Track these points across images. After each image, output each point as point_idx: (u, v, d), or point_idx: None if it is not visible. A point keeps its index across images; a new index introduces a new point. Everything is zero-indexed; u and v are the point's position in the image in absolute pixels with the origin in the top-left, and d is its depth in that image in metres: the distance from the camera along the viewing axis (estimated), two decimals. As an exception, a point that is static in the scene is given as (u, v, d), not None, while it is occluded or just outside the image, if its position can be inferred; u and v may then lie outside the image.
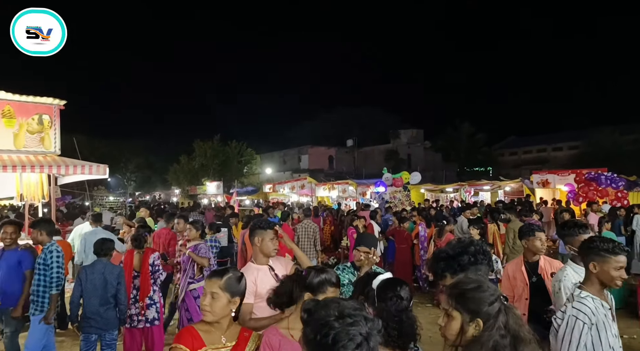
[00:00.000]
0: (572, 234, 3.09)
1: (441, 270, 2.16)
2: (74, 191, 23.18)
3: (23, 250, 4.59)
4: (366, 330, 1.20)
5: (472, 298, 1.58)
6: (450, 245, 2.27)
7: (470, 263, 2.09)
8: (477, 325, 1.54)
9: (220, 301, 2.02)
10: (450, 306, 1.60)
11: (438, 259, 2.21)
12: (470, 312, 1.56)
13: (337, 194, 20.69)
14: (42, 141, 7.54)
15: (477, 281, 1.65)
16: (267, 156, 45.00)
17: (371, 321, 1.24)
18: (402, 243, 8.59)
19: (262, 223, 3.06)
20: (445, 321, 1.62)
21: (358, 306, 1.29)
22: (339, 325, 1.21)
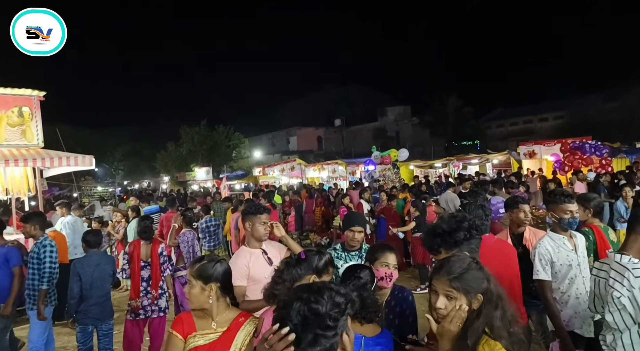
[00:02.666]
0: (556, 202, 3.16)
1: (437, 246, 2.20)
2: (60, 183, 22.87)
3: (10, 247, 4.53)
4: (326, 309, 1.25)
5: (472, 278, 1.66)
6: (445, 220, 2.30)
7: (465, 238, 2.14)
8: (478, 301, 1.64)
9: (194, 288, 2.06)
10: (454, 289, 1.64)
11: (434, 235, 2.25)
12: (474, 291, 1.64)
13: (327, 174, 20.74)
14: (24, 134, 7.42)
15: (465, 259, 1.73)
16: (256, 139, 44.70)
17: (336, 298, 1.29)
18: (392, 220, 8.69)
19: (252, 207, 3.09)
20: (445, 302, 1.65)
21: (333, 286, 1.35)
22: (300, 303, 1.26)
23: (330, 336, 1.24)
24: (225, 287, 2.13)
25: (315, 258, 2.28)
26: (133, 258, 4.62)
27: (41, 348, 4.35)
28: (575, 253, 3.09)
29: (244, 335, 2.06)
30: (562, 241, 3.12)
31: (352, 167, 19.81)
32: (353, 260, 3.29)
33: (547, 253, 3.08)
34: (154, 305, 4.60)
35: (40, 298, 4.30)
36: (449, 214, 2.40)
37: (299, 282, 2.19)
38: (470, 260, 1.73)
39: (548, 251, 3.08)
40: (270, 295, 2.24)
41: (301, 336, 1.22)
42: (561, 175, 13.84)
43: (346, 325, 1.30)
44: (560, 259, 3.06)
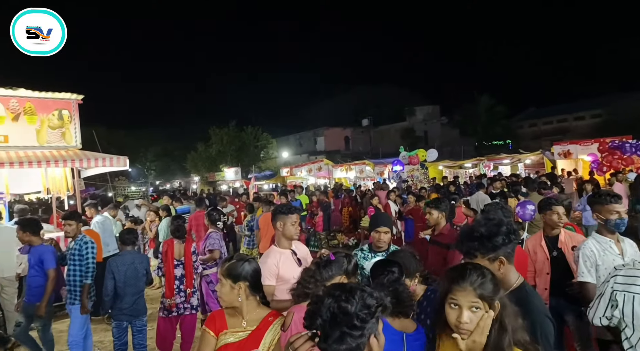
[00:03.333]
0: (602, 202, 3.01)
1: (474, 250, 2.13)
2: (96, 183, 23.69)
3: (47, 246, 4.70)
4: (355, 309, 1.26)
5: (491, 285, 1.62)
6: (482, 224, 2.23)
7: (504, 243, 2.08)
8: (495, 309, 1.61)
9: (224, 287, 2.11)
10: (477, 298, 1.59)
11: (472, 239, 2.17)
12: (492, 299, 1.60)
13: (355, 175, 20.67)
14: (64, 136, 7.73)
15: (477, 266, 1.69)
16: (283, 140, 45.02)
17: (367, 299, 1.30)
18: (419, 221, 8.58)
19: (284, 207, 3.13)
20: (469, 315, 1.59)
21: (366, 288, 1.36)
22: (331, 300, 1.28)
23: (357, 336, 1.25)
24: (255, 286, 2.17)
25: (345, 260, 2.31)
26: (167, 256, 4.72)
27: (80, 341, 4.51)
28: (622, 258, 2.92)
29: (272, 334, 2.09)
30: (609, 244, 2.96)
31: (379, 167, 19.67)
32: (380, 262, 3.28)
33: (592, 255, 2.94)
34: (186, 303, 4.70)
35: (84, 292, 4.45)
36: (485, 217, 2.34)
37: (329, 282, 2.22)
38: (484, 268, 1.68)
39: (593, 253, 2.94)
40: (301, 294, 2.27)
41: (329, 333, 1.25)
42: (599, 176, 13.30)
43: (376, 328, 1.30)
44: (605, 262, 2.90)
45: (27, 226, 4.70)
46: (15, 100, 7.21)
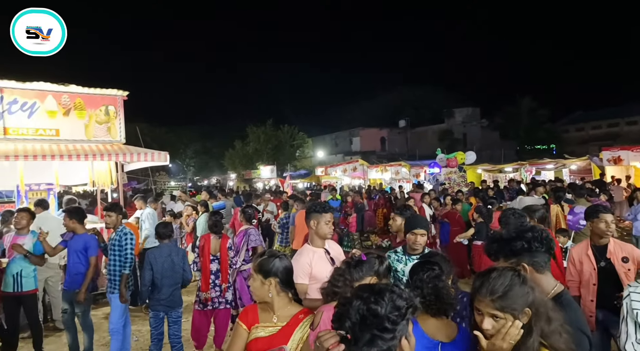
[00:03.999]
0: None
1: (494, 252, 2.12)
2: (138, 177, 24.60)
3: (90, 235, 4.88)
4: (385, 311, 1.25)
5: (517, 295, 1.55)
6: (508, 228, 2.21)
7: (524, 249, 2.03)
8: (527, 315, 1.55)
9: (255, 282, 2.15)
10: (496, 309, 1.54)
11: (492, 241, 2.18)
12: (520, 308, 1.54)
13: (390, 176, 20.46)
14: (109, 131, 8.05)
15: (507, 274, 1.61)
16: (319, 139, 45.16)
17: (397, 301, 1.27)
18: (455, 225, 8.39)
19: (318, 206, 3.12)
20: (492, 323, 1.55)
21: (395, 289, 1.34)
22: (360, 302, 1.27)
23: (388, 339, 1.23)
24: (285, 283, 2.18)
25: (376, 261, 2.27)
26: (204, 251, 4.82)
27: (120, 329, 4.68)
28: None
29: (301, 331, 2.10)
30: None
31: (415, 169, 19.37)
32: (415, 264, 3.22)
33: None
34: (221, 297, 4.78)
35: (123, 281, 4.59)
36: (518, 223, 2.28)
37: (358, 283, 2.19)
38: (512, 273, 1.61)
39: None
40: (330, 293, 2.26)
41: (358, 335, 1.23)
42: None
43: (406, 329, 1.28)
44: None
45: (74, 214, 4.91)
46: (66, 96, 7.58)
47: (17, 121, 7.19)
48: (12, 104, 7.13)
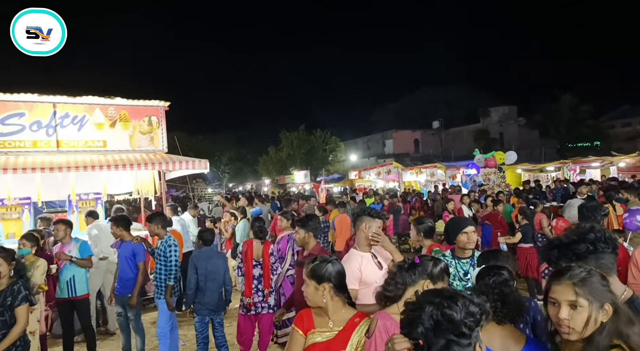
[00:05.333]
0: None
1: (555, 258, 2.03)
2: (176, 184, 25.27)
3: (137, 243, 5.07)
4: (460, 316, 1.23)
5: (598, 286, 1.50)
6: (567, 232, 2.13)
7: (589, 251, 1.93)
8: (606, 312, 1.48)
9: (309, 287, 2.14)
10: (577, 295, 1.49)
11: (551, 247, 2.09)
12: (601, 300, 1.48)
13: (425, 178, 20.14)
14: (152, 141, 8.34)
15: (586, 266, 1.58)
16: (351, 143, 45.08)
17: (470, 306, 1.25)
18: (498, 227, 8.16)
19: (370, 211, 3.12)
20: (569, 312, 1.50)
21: (465, 294, 1.32)
22: (432, 307, 1.25)
23: (465, 345, 1.21)
24: (339, 287, 2.18)
25: (430, 263, 2.23)
26: (247, 257, 4.89)
27: (167, 333, 4.82)
28: None
29: (359, 335, 2.09)
30: None
31: (451, 170, 18.99)
32: (465, 268, 3.15)
33: None
34: (264, 302, 4.84)
35: (167, 292, 4.74)
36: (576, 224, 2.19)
37: (412, 287, 2.17)
38: (592, 268, 1.57)
39: None
40: (382, 297, 2.24)
41: (432, 341, 1.22)
42: None
43: (479, 336, 1.25)
44: None
45: (120, 222, 5.13)
46: (112, 108, 7.91)
47: (68, 134, 7.56)
48: (64, 118, 7.51)
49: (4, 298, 3.37)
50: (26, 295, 3.44)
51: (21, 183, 7.39)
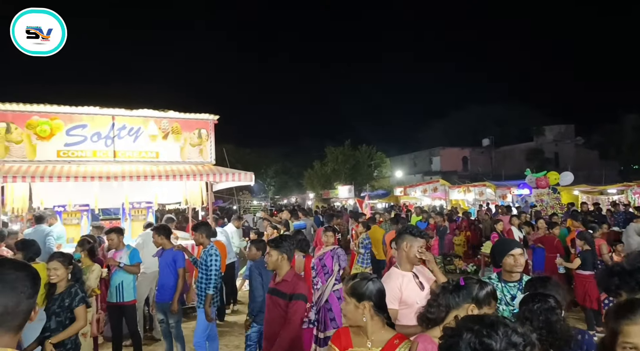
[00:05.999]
0: None
1: (615, 287, 1.88)
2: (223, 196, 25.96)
3: (177, 250, 5.25)
4: (500, 346, 1.15)
5: None
6: (629, 258, 1.97)
7: None
8: None
9: (349, 305, 2.11)
10: None
11: (611, 274, 1.93)
12: None
13: (474, 197, 19.49)
14: (201, 153, 8.63)
15: None
16: (397, 159, 44.61)
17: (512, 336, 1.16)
18: (553, 251, 7.70)
19: (413, 229, 3.05)
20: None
21: (508, 322, 1.23)
22: (471, 335, 1.17)
23: None
24: (379, 306, 2.14)
25: (475, 286, 2.12)
26: None
27: (203, 343, 4.85)
28: None
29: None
30: None
31: (501, 190, 18.26)
32: (512, 292, 2.98)
33: None
34: (305, 317, 4.80)
35: (207, 301, 4.80)
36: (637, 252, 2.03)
37: (455, 310, 2.07)
38: None
39: None
40: (424, 319, 2.16)
41: None
42: None
43: None
44: None
45: (161, 231, 5.34)
46: (166, 121, 8.29)
47: (124, 145, 7.98)
48: (121, 129, 7.95)
49: (62, 300, 3.60)
50: (83, 297, 3.67)
51: (81, 191, 7.87)
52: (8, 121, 7.24)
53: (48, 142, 7.48)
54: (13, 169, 6.97)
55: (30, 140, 7.36)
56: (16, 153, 7.29)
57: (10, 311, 1.29)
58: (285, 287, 3.35)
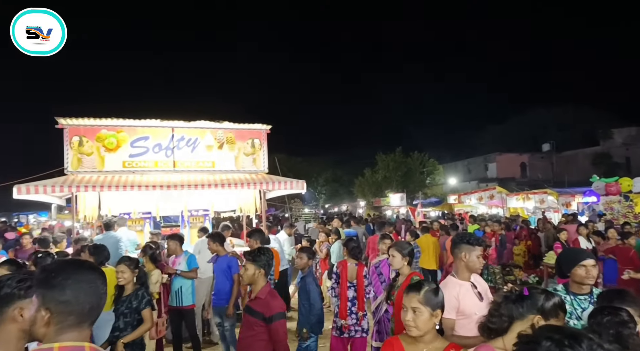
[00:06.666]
0: None
1: None
2: (275, 204, 26.44)
3: (232, 257, 5.41)
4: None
5: None
6: None
7: None
8: None
9: (423, 315, 2.04)
10: None
11: None
12: None
13: (534, 204, 18.50)
14: (254, 162, 8.88)
15: None
16: (451, 166, 43.39)
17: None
18: (627, 263, 7.12)
19: (470, 237, 2.95)
20: None
21: (589, 336, 1.15)
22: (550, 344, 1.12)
23: None
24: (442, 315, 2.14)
25: (541, 296, 2.01)
26: (342, 277, 4.87)
27: None
28: None
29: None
30: None
31: (564, 197, 17.22)
32: (582, 306, 2.79)
33: None
34: (357, 326, 4.75)
35: None
36: None
37: (519, 321, 1.98)
38: None
39: None
40: (485, 329, 2.08)
41: None
42: None
43: None
44: None
45: (216, 238, 5.53)
46: (221, 131, 8.62)
47: (183, 155, 8.39)
48: (180, 140, 8.36)
49: (129, 302, 3.82)
50: (149, 300, 3.89)
51: (144, 199, 8.33)
52: (80, 134, 7.84)
53: (115, 153, 8.01)
54: (85, 179, 7.52)
55: (99, 152, 7.93)
56: (87, 164, 7.87)
57: (94, 308, 1.44)
58: (259, 306, 3.11)
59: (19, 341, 1.68)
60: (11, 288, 1.72)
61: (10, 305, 1.69)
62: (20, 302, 1.70)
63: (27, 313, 1.67)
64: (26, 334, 1.69)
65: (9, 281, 1.74)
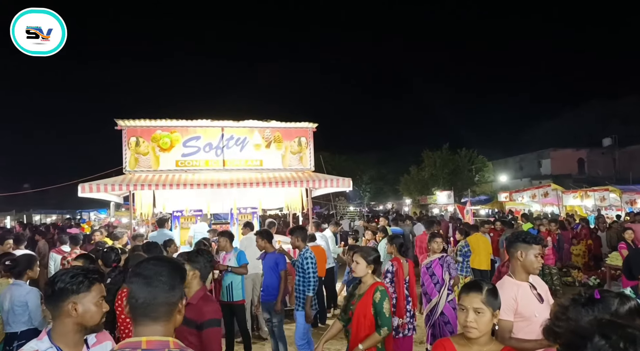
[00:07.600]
0: None
1: None
2: (321, 202, 26.58)
3: (279, 253, 5.47)
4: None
5: None
6: None
7: None
8: None
9: (486, 316, 1.97)
10: None
11: None
12: None
13: (593, 203, 17.44)
14: (301, 160, 8.96)
15: None
16: (501, 163, 41.75)
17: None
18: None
19: (526, 236, 2.83)
20: None
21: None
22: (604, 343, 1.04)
23: None
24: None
25: (615, 300, 1.85)
26: (398, 275, 4.78)
27: (305, 345, 4.97)
28: None
29: None
30: None
31: (629, 195, 16.10)
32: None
33: None
34: (410, 324, 4.68)
35: (307, 303, 4.91)
36: None
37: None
38: None
39: None
40: (551, 332, 1.97)
41: None
42: None
43: None
44: None
45: (264, 235, 5.60)
46: (268, 130, 8.77)
47: (232, 154, 8.61)
48: (229, 140, 8.59)
49: None
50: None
51: (195, 197, 8.63)
52: (137, 135, 8.24)
53: (168, 153, 8.36)
54: (141, 178, 7.90)
55: (154, 151, 8.30)
56: (143, 164, 8.26)
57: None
58: (190, 312, 2.64)
59: (75, 334, 1.78)
60: (64, 283, 1.79)
61: (65, 299, 1.77)
62: (74, 297, 1.78)
63: (80, 308, 1.77)
64: (81, 327, 1.80)
65: (63, 277, 1.82)
